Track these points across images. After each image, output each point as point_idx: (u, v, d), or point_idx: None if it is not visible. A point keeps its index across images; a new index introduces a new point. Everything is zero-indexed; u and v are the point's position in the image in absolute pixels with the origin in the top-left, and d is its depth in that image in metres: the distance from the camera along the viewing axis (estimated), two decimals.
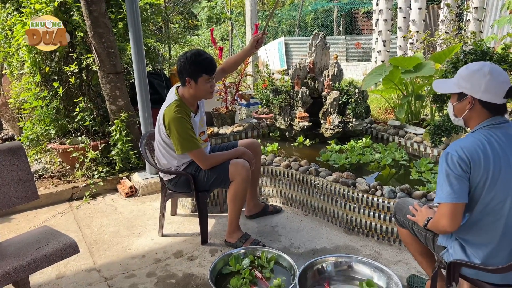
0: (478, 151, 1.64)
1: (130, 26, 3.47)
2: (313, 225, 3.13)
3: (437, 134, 3.49)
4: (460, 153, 1.65)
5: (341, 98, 4.14)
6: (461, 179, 1.63)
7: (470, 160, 1.63)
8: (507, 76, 1.66)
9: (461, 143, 1.70)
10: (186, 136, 2.58)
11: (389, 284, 2.23)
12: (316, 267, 2.36)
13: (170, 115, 2.58)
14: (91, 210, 3.53)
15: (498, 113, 1.71)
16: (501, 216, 1.65)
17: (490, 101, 1.68)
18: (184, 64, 2.58)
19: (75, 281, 2.55)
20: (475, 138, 1.69)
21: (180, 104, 2.63)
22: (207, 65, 2.60)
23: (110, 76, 3.79)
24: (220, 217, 3.31)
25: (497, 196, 1.63)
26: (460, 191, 1.63)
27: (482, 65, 1.73)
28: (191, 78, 2.59)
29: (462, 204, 1.64)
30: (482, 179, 1.63)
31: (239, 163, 2.70)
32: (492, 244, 1.70)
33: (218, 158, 2.75)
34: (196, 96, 2.70)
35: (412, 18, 7.82)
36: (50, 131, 4.04)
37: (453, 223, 1.65)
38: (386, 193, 2.79)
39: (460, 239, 1.80)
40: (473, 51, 3.44)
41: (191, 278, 2.52)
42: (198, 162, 2.69)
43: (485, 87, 1.68)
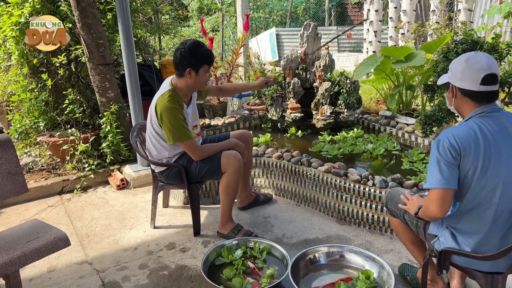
0: (469, 139, 1.65)
1: (119, 17, 3.42)
2: (306, 215, 3.14)
3: (428, 124, 3.50)
4: (451, 140, 1.66)
5: (333, 89, 4.14)
6: (451, 166, 1.65)
7: (460, 147, 1.64)
8: (485, 64, 1.67)
9: (453, 131, 1.71)
10: (178, 126, 2.57)
11: (381, 273, 2.25)
12: (308, 257, 2.37)
13: (163, 104, 2.57)
14: (82, 203, 3.50)
15: (481, 101, 1.72)
16: (492, 204, 1.66)
17: (467, 88, 1.72)
18: (185, 55, 2.56)
19: (66, 274, 2.53)
20: (467, 127, 1.70)
21: (173, 94, 2.61)
22: (208, 56, 2.62)
23: (100, 67, 3.74)
24: (212, 208, 3.30)
25: (487, 185, 1.64)
26: (449, 177, 1.65)
27: (465, 55, 1.77)
28: (192, 69, 2.58)
29: (452, 190, 1.66)
30: (472, 167, 1.64)
31: (231, 155, 2.70)
32: (482, 232, 1.71)
33: (210, 149, 2.74)
34: (193, 87, 2.70)
35: (403, 8, 7.81)
36: (39, 124, 3.99)
37: (442, 209, 1.68)
38: (378, 183, 2.80)
39: (451, 227, 1.82)
40: (463, 40, 3.45)
41: (183, 270, 2.52)
42: (190, 153, 2.68)
43: (461, 75, 1.72)
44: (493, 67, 1.68)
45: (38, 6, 3.73)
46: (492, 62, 1.69)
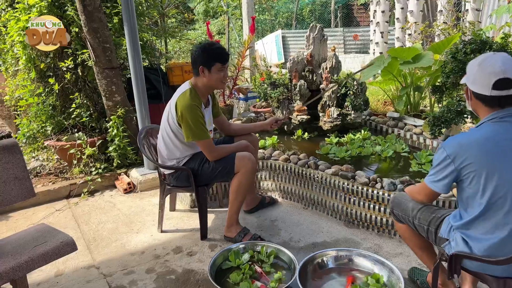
0: (476, 146, 1.64)
1: (125, 21, 3.43)
2: (313, 218, 3.11)
3: (437, 126, 3.46)
4: (453, 150, 1.67)
5: (340, 91, 4.11)
6: (446, 174, 1.71)
7: (462, 156, 1.65)
8: (498, 68, 1.61)
9: (460, 138, 1.71)
10: (198, 124, 2.59)
11: (390, 277, 2.21)
12: (316, 261, 2.35)
13: (184, 102, 2.59)
14: (89, 207, 3.51)
15: (494, 105, 1.68)
16: (503, 211, 1.63)
17: (479, 92, 1.68)
18: (197, 53, 2.63)
19: (74, 278, 2.53)
20: (476, 134, 1.69)
21: (194, 92, 2.65)
22: (220, 53, 2.65)
23: (106, 71, 3.75)
24: (219, 212, 3.29)
25: (497, 192, 1.61)
26: (441, 182, 1.73)
27: (481, 56, 1.73)
28: (204, 67, 2.62)
29: (438, 193, 1.81)
30: (477, 175, 1.63)
31: (245, 156, 2.71)
32: (494, 238, 1.68)
33: (225, 150, 2.76)
34: (209, 86, 2.72)
35: (410, 8, 7.77)
36: (46, 128, 4.01)
37: (427, 201, 1.93)
38: (386, 186, 2.77)
39: (462, 233, 1.79)
40: (472, 41, 3.40)
41: (190, 274, 2.51)
42: (206, 152, 2.69)
43: (473, 78, 1.70)
44: (508, 70, 1.61)
45: (45, 10, 3.75)
46: (507, 66, 1.62)
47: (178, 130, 2.67)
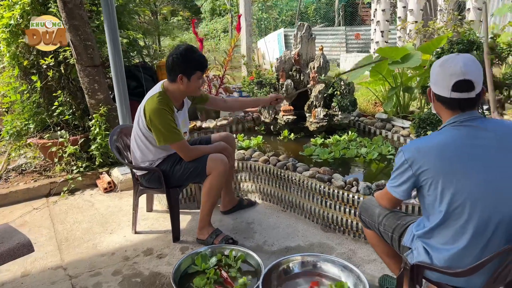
0: (433, 152, 1.57)
1: (105, 18, 3.39)
2: (290, 221, 3.05)
3: (422, 128, 3.38)
4: (411, 154, 1.60)
5: (327, 91, 4.03)
6: (405, 179, 1.64)
7: (419, 162, 1.58)
8: (459, 69, 1.52)
9: (419, 143, 1.65)
10: (168, 127, 2.52)
11: (357, 285, 2.14)
12: (282, 267, 2.28)
13: (152, 106, 2.52)
14: (68, 206, 3.48)
15: (454, 108, 1.60)
16: (462, 220, 1.55)
17: (440, 93, 1.60)
18: (177, 61, 2.50)
19: (39, 279, 2.49)
20: (436, 138, 1.63)
21: (163, 96, 2.56)
22: (201, 62, 2.57)
23: (88, 69, 3.71)
24: (197, 213, 3.20)
25: (455, 200, 1.53)
26: (399, 188, 1.69)
27: (444, 57, 1.65)
28: (184, 75, 2.52)
29: (399, 200, 1.75)
30: (435, 181, 1.55)
31: (218, 158, 2.64)
32: (455, 248, 1.60)
33: (201, 150, 2.70)
34: (185, 92, 2.65)
35: (409, 7, 7.64)
36: (29, 126, 3.99)
37: (390, 207, 1.88)
38: (362, 189, 2.69)
39: (423, 242, 1.71)
40: (459, 41, 3.31)
41: (157, 277, 2.46)
42: (181, 153, 2.63)
43: (435, 79, 1.62)
44: (468, 72, 1.53)
45: (28, 7, 3.73)
46: (469, 67, 1.54)
47: (149, 134, 2.61)
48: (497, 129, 1.57)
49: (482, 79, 1.57)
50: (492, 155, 1.53)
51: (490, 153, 1.54)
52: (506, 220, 1.53)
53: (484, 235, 1.55)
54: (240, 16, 4.63)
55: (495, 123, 1.61)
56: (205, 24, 19.17)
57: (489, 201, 1.51)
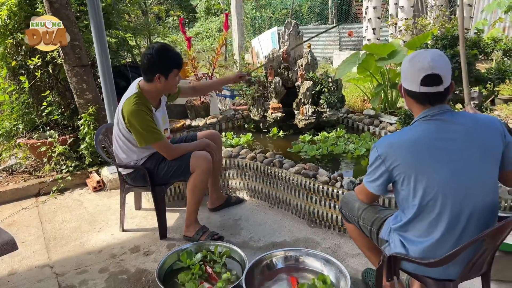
0: (405, 147, 1.60)
1: (91, 18, 3.40)
2: (277, 217, 3.07)
3: (408, 123, 3.40)
4: (384, 150, 1.63)
5: (315, 88, 4.05)
6: (379, 174, 1.68)
7: (391, 157, 1.61)
8: (426, 64, 1.55)
9: (391, 138, 1.67)
10: (148, 128, 2.53)
11: (338, 277, 2.17)
12: (265, 262, 2.30)
13: (129, 108, 2.52)
14: (57, 205, 3.49)
15: (424, 103, 1.62)
16: (435, 212, 1.58)
17: (410, 88, 1.63)
18: (153, 60, 2.49)
19: (25, 277, 2.51)
20: (407, 133, 1.65)
21: (139, 97, 2.56)
22: (177, 60, 2.57)
23: (76, 69, 3.73)
24: (184, 211, 3.22)
25: (427, 193, 1.56)
26: (374, 183, 1.72)
27: (413, 53, 1.68)
28: (161, 74, 2.51)
29: (376, 195, 1.79)
30: (407, 175, 1.59)
31: (201, 155, 2.65)
32: (431, 239, 1.63)
33: (183, 148, 2.71)
34: (163, 91, 2.65)
35: (400, 4, 7.67)
36: (18, 126, 3.99)
37: (367, 202, 1.92)
38: (346, 184, 2.72)
39: (400, 236, 1.74)
40: (443, 36, 3.33)
41: (143, 274, 2.48)
42: (163, 152, 2.64)
43: (405, 74, 1.65)
44: (436, 67, 1.56)
45: (15, 8, 3.73)
46: (436, 62, 1.56)
47: (129, 135, 2.61)
48: (465, 122, 1.59)
49: (450, 73, 1.59)
50: (459, 147, 1.56)
51: (456, 146, 1.56)
52: (477, 211, 1.56)
53: (457, 227, 1.58)
54: (227, 14, 4.64)
55: (464, 116, 1.63)
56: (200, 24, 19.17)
57: (458, 194, 1.54)
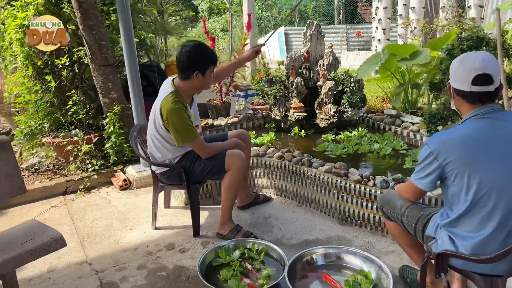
0: (458, 143, 1.65)
1: (120, 18, 3.43)
2: (306, 216, 3.11)
3: (433, 123, 3.45)
4: (436, 146, 1.68)
5: (336, 88, 4.09)
6: (430, 171, 1.72)
7: (444, 153, 1.65)
8: (478, 64, 1.62)
9: (443, 135, 1.72)
10: (186, 126, 2.58)
11: (379, 274, 2.21)
12: (305, 259, 2.35)
13: (168, 106, 2.56)
14: (85, 203, 3.53)
15: (475, 102, 1.69)
16: (488, 208, 1.62)
17: (460, 88, 1.69)
18: (191, 58, 2.55)
19: (65, 274, 2.55)
20: (459, 131, 1.70)
21: (177, 95, 2.61)
22: (214, 57, 2.66)
23: (102, 68, 3.76)
24: (213, 209, 3.29)
25: (480, 189, 1.61)
26: (425, 179, 1.75)
27: (463, 54, 1.75)
28: (200, 72, 2.58)
29: (424, 191, 1.81)
30: (461, 172, 1.63)
31: (235, 153, 2.70)
32: (481, 236, 1.67)
33: (217, 147, 2.76)
34: (199, 88, 2.73)
35: (411, 5, 7.72)
36: (44, 125, 4.03)
37: (414, 199, 1.95)
38: (379, 183, 2.76)
39: (448, 231, 1.78)
40: (468, 37, 3.38)
41: (181, 271, 2.52)
42: (198, 151, 2.69)
43: (455, 74, 1.71)
44: (488, 67, 1.62)
45: (42, 8, 3.77)
46: (487, 62, 1.63)
47: (166, 134, 2.66)
48: None
49: (499, 74, 1.65)
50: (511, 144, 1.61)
51: (509, 142, 1.62)
52: None
53: (509, 222, 1.63)
54: (250, 14, 4.68)
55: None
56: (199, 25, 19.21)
57: None
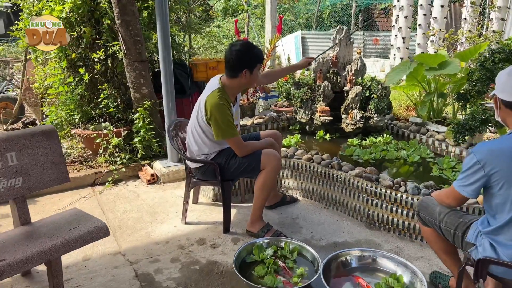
0: (504, 153, 1.69)
1: (158, 15, 3.49)
2: (334, 218, 3.15)
3: (461, 133, 3.47)
4: (483, 156, 1.72)
5: (364, 94, 4.13)
6: (476, 179, 1.75)
7: (492, 163, 1.69)
8: None
9: (491, 145, 1.77)
10: (227, 122, 2.64)
11: (413, 280, 2.24)
12: (340, 259, 2.38)
13: (213, 101, 2.62)
14: (114, 195, 3.59)
15: None
16: None
17: (509, 99, 1.73)
18: (242, 57, 2.63)
19: (101, 263, 2.60)
20: (507, 141, 1.73)
21: (222, 92, 2.68)
22: (261, 55, 2.75)
23: (136, 64, 3.83)
24: (241, 207, 3.34)
25: None
26: (469, 187, 1.78)
27: (510, 67, 1.80)
28: (248, 69, 2.65)
29: (466, 198, 1.84)
30: (506, 182, 1.67)
31: (271, 153, 2.76)
32: None
33: (253, 146, 2.81)
34: (246, 86, 2.81)
35: (434, 15, 7.73)
36: (74, 117, 4.10)
37: (455, 205, 1.97)
38: (410, 190, 2.80)
39: (491, 239, 1.81)
40: (500, 50, 3.41)
41: (214, 265, 2.56)
42: (236, 148, 2.74)
43: (503, 87, 1.75)
44: None
45: (79, 2, 3.83)
46: None
47: (207, 128, 2.72)
48: None
49: None
50: None
51: None
52: None
53: None
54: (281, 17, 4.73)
55: None
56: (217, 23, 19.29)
57: None
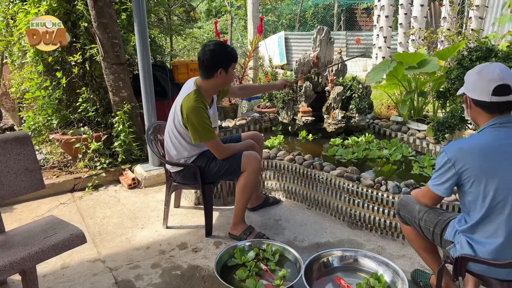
0: (476, 151, 1.70)
1: (136, 17, 3.45)
2: (317, 219, 3.14)
3: (441, 131, 3.50)
4: (454, 154, 1.73)
5: (345, 93, 4.14)
6: (448, 177, 1.76)
7: (462, 160, 1.70)
8: (497, 75, 1.68)
9: (461, 143, 1.77)
10: (204, 125, 2.60)
11: (394, 278, 2.24)
12: (322, 260, 2.38)
13: (189, 104, 2.59)
14: (94, 201, 3.52)
15: (494, 111, 1.74)
16: (505, 214, 1.67)
17: (479, 99, 1.74)
18: (216, 56, 2.60)
19: (80, 271, 2.55)
20: (477, 139, 1.75)
21: (198, 94, 2.64)
22: (235, 54, 2.73)
23: (114, 67, 3.77)
24: (223, 210, 3.31)
25: (497, 196, 1.66)
26: (443, 186, 1.79)
27: (478, 66, 1.80)
28: (223, 69, 2.63)
29: (441, 196, 1.86)
30: (478, 179, 1.68)
31: (251, 155, 2.73)
32: (498, 241, 1.71)
33: (232, 148, 2.78)
34: (221, 86, 2.77)
35: (414, 14, 7.82)
36: (52, 122, 4.02)
37: (431, 204, 1.98)
38: (391, 188, 2.81)
39: (467, 237, 1.82)
40: (478, 48, 3.45)
41: (196, 270, 2.53)
42: (214, 151, 2.71)
43: (473, 86, 1.76)
44: (506, 78, 1.69)
45: (55, 4, 3.76)
46: (505, 73, 1.70)
47: (184, 132, 2.68)
48: None
49: None
50: None
51: None
52: None
53: None
54: (262, 18, 4.72)
55: None
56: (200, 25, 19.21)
57: None
